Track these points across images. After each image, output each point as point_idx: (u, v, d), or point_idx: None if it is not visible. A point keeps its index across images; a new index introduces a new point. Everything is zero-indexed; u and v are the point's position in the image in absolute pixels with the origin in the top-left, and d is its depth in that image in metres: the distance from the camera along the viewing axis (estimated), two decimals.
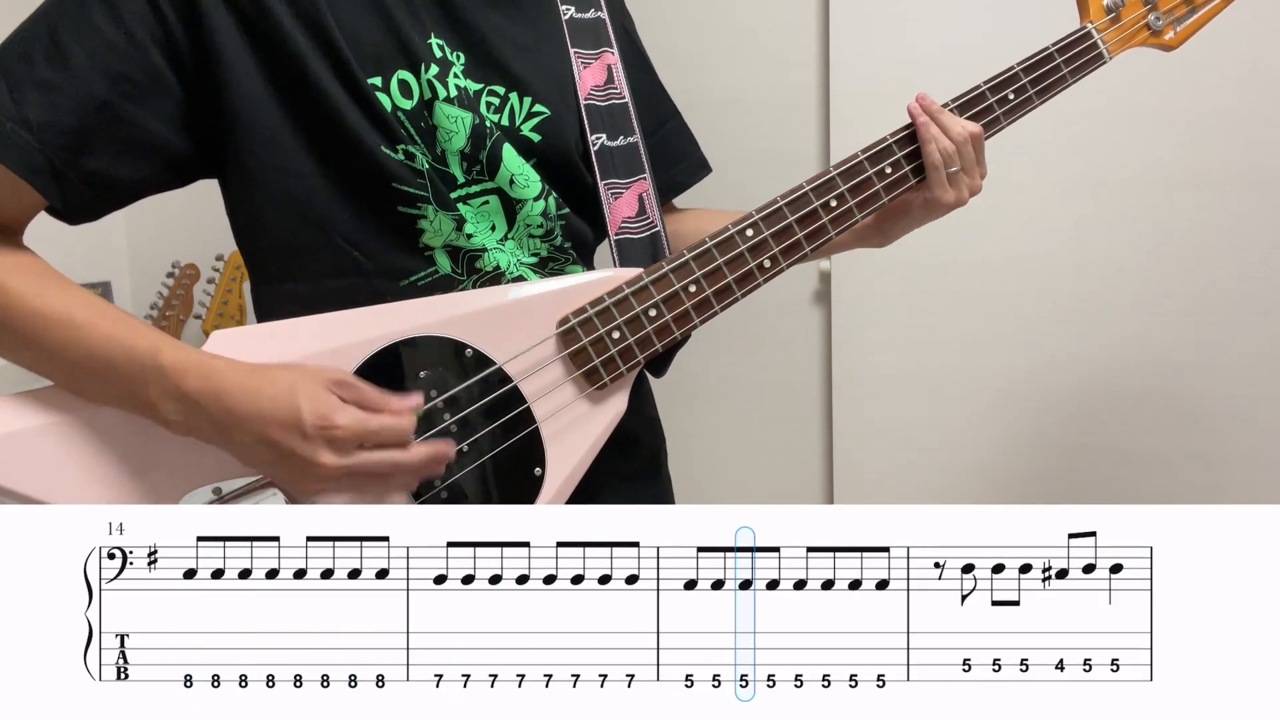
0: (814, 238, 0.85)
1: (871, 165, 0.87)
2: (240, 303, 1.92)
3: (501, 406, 0.78)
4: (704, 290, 0.82)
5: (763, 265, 0.84)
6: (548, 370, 0.79)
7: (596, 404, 0.81)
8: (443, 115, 0.78)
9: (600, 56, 0.90)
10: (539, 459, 0.79)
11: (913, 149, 0.89)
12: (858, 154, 0.87)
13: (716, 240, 0.82)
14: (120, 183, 0.74)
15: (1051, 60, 0.92)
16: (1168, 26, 0.96)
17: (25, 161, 0.69)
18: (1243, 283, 1.54)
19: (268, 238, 0.79)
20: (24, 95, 0.69)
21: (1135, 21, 0.95)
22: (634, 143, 0.91)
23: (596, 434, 0.80)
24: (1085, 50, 0.93)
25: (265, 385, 0.68)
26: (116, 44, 0.70)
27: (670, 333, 0.81)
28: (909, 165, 0.88)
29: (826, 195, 0.86)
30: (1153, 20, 0.95)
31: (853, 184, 0.86)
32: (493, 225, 0.82)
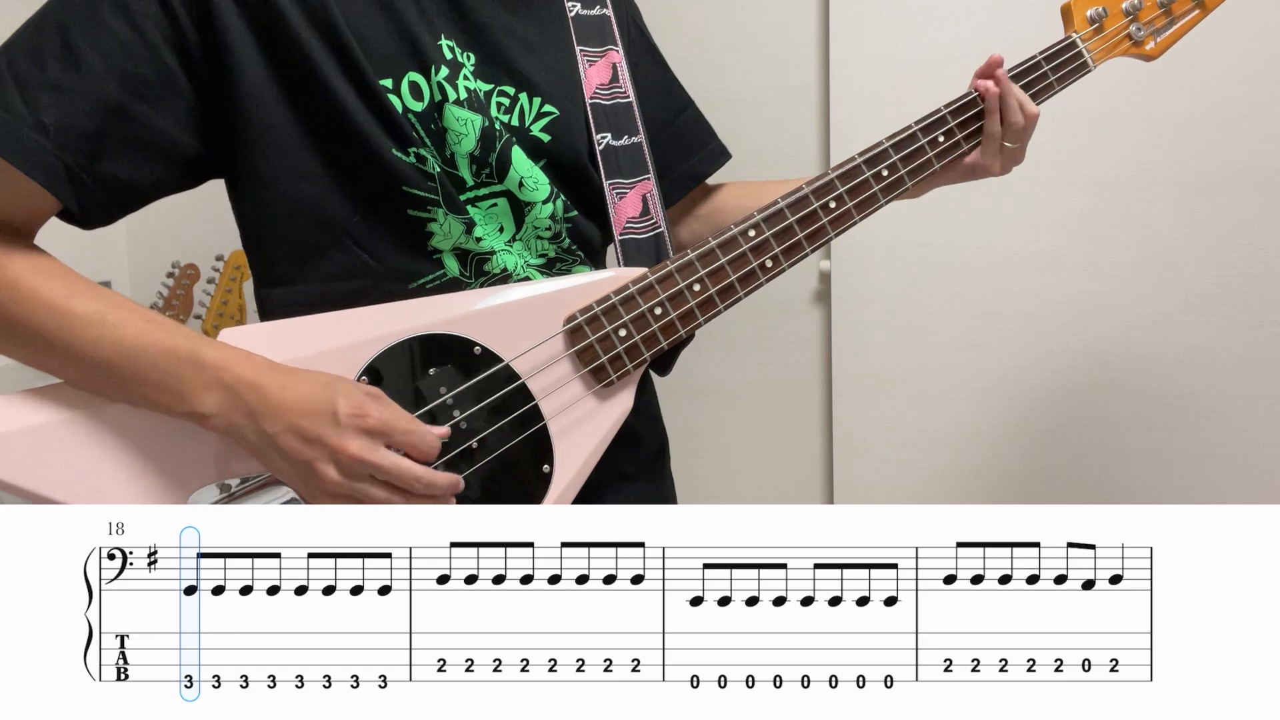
0: (815, 238, 0.86)
1: (869, 168, 0.89)
2: (240, 302, 1.92)
3: (510, 403, 0.78)
4: (708, 289, 0.83)
5: (765, 265, 0.84)
6: (555, 367, 0.79)
7: (603, 401, 0.81)
8: (452, 118, 0.77)
9: (605, 54, 0.90)
10: (547, 456, 0.79)
11: (912, 147, 0.89)
12: (854, 157, 0.88)
13: (719, 240, 0.83)
14: (136, 185, 0.73)
15: (1039, 68, 0.94)
16: (1148, 37, 0.99)
17: (42, 166, 0.68)
18: (1243, 283, 1.54)
19: (276, 239, 0.79)
20: (38, 98, 0.68)
21: (1117, 32, 0.98)
22: (638, 142, 0.90)
23: (604, 431, 0.81)
24: (1071, 59, 0.96)
25: (304, 380, 0.70)
26: (129, 44, 0.70)
27: (675, 331, 0.82)
28: (905, 169, 0.90)
29: (826, 196, 0.87)
30: (1134, 31, 0.98)
31: (851, 185, 0.88)
32: (501, 227, 0.82)
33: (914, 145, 0.90)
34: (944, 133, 0.91)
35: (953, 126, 0.92)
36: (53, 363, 0.71)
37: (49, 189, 0.69)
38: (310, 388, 0.69)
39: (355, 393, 0.70)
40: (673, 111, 1.01)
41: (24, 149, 0.67)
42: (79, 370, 0.71)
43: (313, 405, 0.68)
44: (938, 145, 0.91)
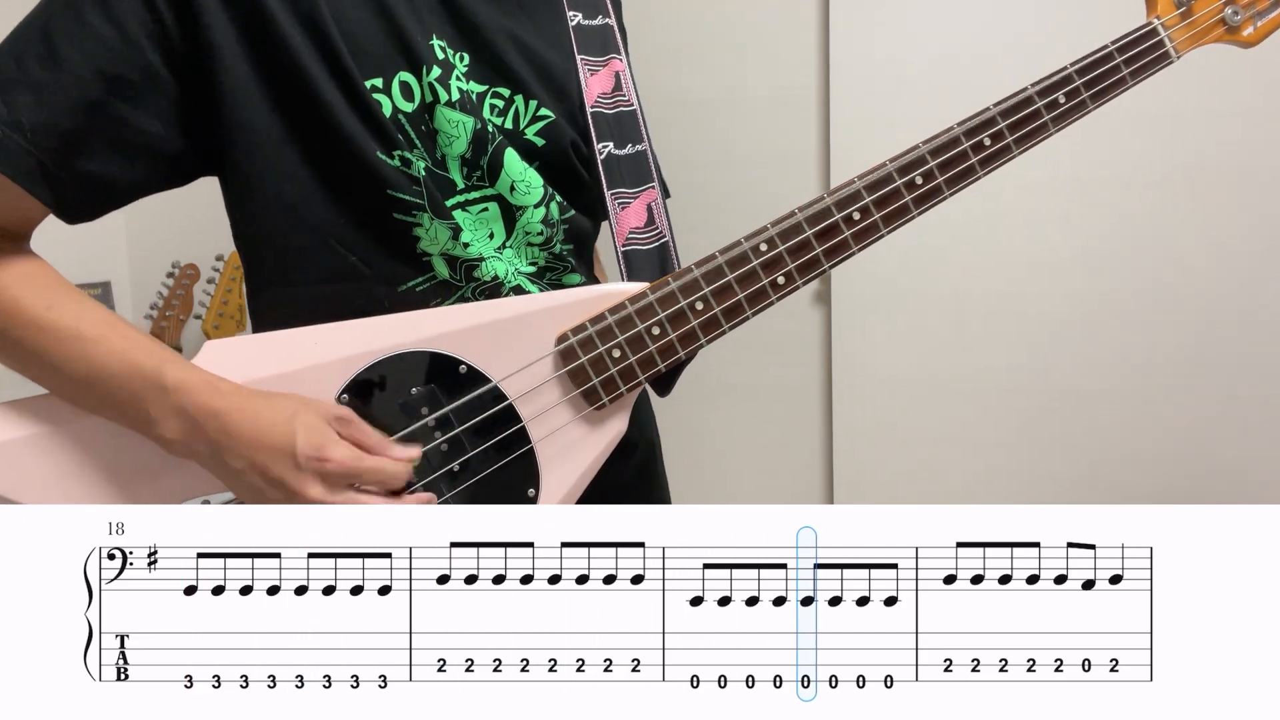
0: (834, 253, 0.79)
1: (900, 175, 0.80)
2: (240, 303, 1.92)
3: (496, 425, 0.75)
4: (712, 308, 0.78)
5: (776, 283, 0.78)
6: (545, 389, 0.76)
7: (594, 425, 0.77)
8: (444, 120, 0.76)
9: (608, 63, 0.89)
10: (533, 480, 0.77)
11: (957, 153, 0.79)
12: (885, 162, 0.80)
13: (727, 256, 0.78)
14: (118, 183, 0.73)
15: (1110, 60, 0.83)
16: (1247, 21, 0.86)
17: (17, 166, 0.68)
18: (1243, 283, 1.54)
19: (264, 241, 0.78)
20: (16, 98, 0.68)
21: (1209, 16, 0.85)
22: (642, 151, 0.89)
23: (593, 456, 0.78)
24: (1150, 49, 0.83)
25: (265, 410, 0.68)
26: (110, 42, 0.69)
27: (674, 352, 0.77)
28: (942, 176, 0.80)
29: (850, 208, 0.78)
30: (1229, 15, 0.85)
31: (879, 196, 0.79)
32: (491, 233, 0.81)
33: (954, 150, 0.79)
34: (991, 135, 0.79)
35: (1002, 128, 0.80)
36: (33, 373, 0.71)
37: (24, 186, 0.69)
38: (271, 418, 0.67)
39: (317, 427, 0.68)
40: None
41: (1, 149, 0.68)
42: (56, 383, 0.71)
43: (272, 442, 0.67)
44: (983, 150, 0.80)
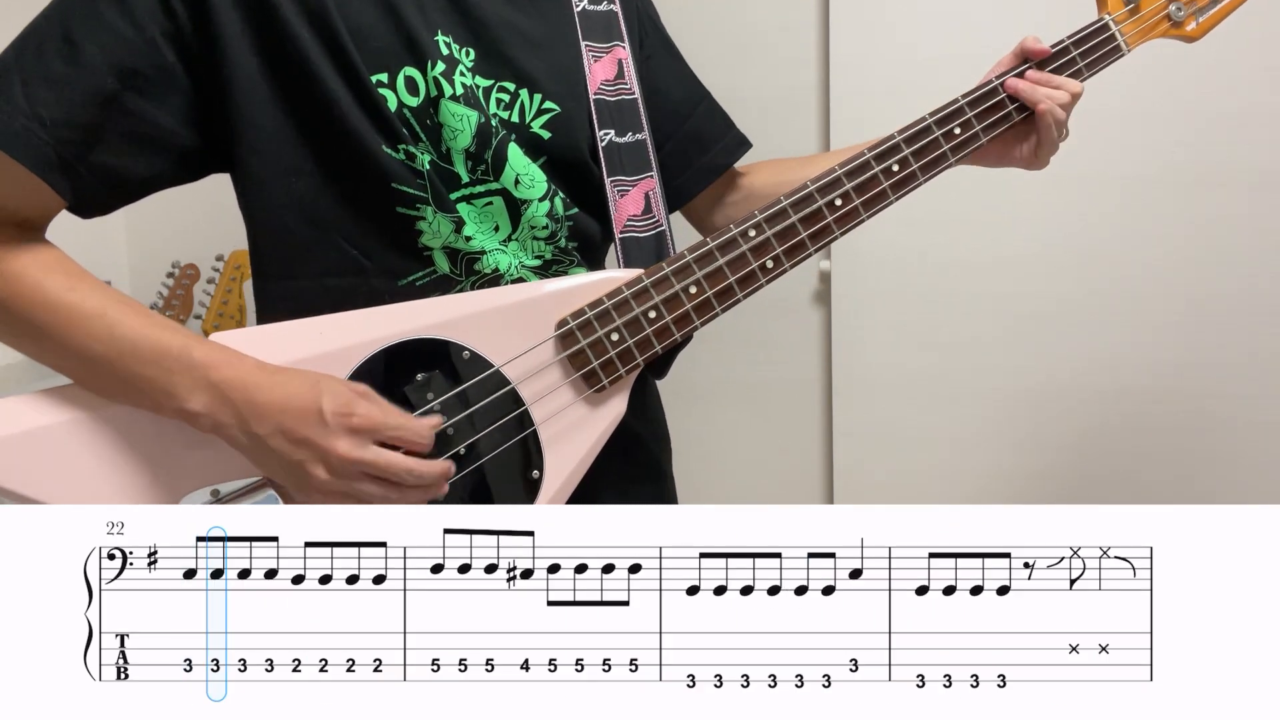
0: (819, 237, 0.84)
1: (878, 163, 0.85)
2: (240, 302, 1.92)
3: (499, 409, 0.78)
4: (705, 291, 0.81)
5: (765, 266, 0.82)
6: (546, 373, 0.79)
7: (595, 407, 0.80)
8: (448, 113, 0.77)
9: (611, 50, 0.90)
10: (537, 462, 0.79)
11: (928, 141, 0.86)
12: (863, 151, 0.85)
13: (718, 241, 0.82)
14: (132, 177, 0.75)
15: (1067, 53, 0.90)
16: (1189, 17, 0.92)
17: (38, 157, 0.70)
18: (1243, 283, 1.54)
19: (269, 235, 0.80)
20: (37, 91, 0.70)
21: (1155, 12, 0.91)
22: (642, 140, 0.90)
23: (595, 437, 0.80)
24: (1102, 43, 0.90)
25: (291, 379, 0.71)
26: (127, 38, 0.71)
27: (670, 335, 0.81)
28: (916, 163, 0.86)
29: (831, 194, 0.84)
30: (1174, 10, 0.91)
31: (858, 182, 0.84)
32: (496, 226, 0.82)
33: (927, 138, 0.86)
34: (960, 124, 0.87)
35: (970, 118, 0.87)
36: (54, 357, 0.72)
37: (42, 178, 0.70)
38: (297, 387, 0.70)
39: (342, 391, 0.70)
40: (689, 105, 1.00)
41: (20, 140, 0.69)
42: (77, 365, 0.72)
43: (299, 405, 0.69)
44: (954, 138, 0.87)
